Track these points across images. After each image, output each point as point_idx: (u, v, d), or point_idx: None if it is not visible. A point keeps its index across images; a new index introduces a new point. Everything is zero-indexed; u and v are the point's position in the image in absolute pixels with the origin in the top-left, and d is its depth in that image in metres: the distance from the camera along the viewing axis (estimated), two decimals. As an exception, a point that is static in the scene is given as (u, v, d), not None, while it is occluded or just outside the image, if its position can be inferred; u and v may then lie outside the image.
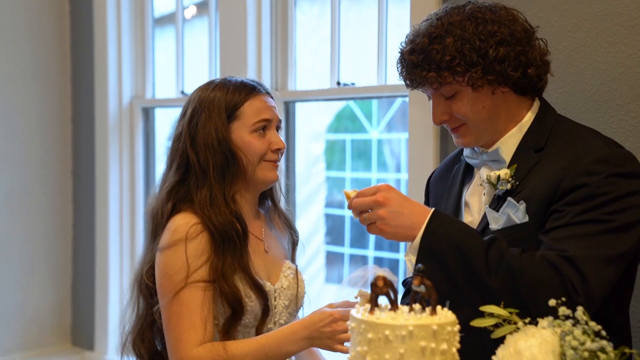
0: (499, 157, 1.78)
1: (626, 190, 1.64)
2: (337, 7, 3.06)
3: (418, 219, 1.65)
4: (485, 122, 1.77)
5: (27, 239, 3.82)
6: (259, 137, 1.95)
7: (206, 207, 1.89)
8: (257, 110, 1.95)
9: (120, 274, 3.78)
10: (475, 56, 1.70)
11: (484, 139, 1.80)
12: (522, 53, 1.74)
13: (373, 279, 1.32)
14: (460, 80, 1.72)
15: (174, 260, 1.85)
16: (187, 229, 1.86)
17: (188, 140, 1.94)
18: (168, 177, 1.98)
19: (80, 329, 3.94)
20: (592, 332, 1.31)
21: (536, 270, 1.58)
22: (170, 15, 3.81)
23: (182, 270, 1.84)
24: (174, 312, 1.84)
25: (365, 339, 1.27)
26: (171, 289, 1.85)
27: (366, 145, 5.25)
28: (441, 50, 1.71)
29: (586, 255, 1.59)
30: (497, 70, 1.71)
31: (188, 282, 1.83)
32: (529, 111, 1.81)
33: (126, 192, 3.78)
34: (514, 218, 1.70)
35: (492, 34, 1.72)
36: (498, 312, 1.41)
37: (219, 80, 2.01)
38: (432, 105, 1.81)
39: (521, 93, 1.79)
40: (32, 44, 3.82)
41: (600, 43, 2.16)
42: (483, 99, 1.75)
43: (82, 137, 3.91)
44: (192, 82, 3.66)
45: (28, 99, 3.81)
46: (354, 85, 3.04)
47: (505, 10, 1.78)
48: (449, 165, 2.02)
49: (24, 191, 3.80)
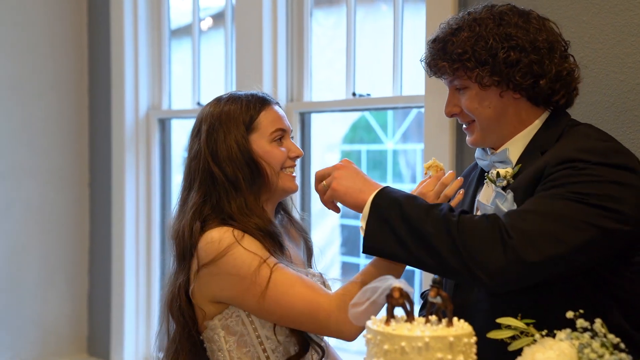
0: (506, 158, 1.78)
1: (609, 178, 1.59)
2: (353, 18, 3.07)
3: (369, 187, 1.72)
4: (492, 121, 1.78)
5: (44, 250, 3.84)
6: (277, 146, 1.96)
7: (245, 215, 1.87)
8: (272, 120, 1.96)
9: (136, 285, 3.79)
10: (485, 54, 1.72)
11: (491, 139, 1.81)
12: (536, 62, 1.72)
13: (389, 290, 1.32)
14: (470, 75, 1.74)
15: (241, 260, 1.80)
16: (231, 234, 1.83)
17: (209, 157, 1.92)
18: (190, 197, 1.94)
19: (97, 339, 3.96)
20: (610, 344, 1.30)
21: (472, 219, 1.59)
22: (186, 27, 3.84)
23: (254, 262, 1.79)
24: (282, 294, 1.78)
25: (382, 351, 1.26)
26: (258, 283, 1.78)
27: (382, 155, 5.25)
28: (456, 43, 1.74)
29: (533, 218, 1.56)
30: (503, 72, 1.72)
31: (269, 264, 1.79)
32: (538, 118, 1.80)
33: (142, 202, 3.79)
34: (502, 207, 1.70)
35: (508, 37, 1.72)
36: (515, 324, 1.40)
37: (227, 95, 2.01)
38: (448, 96, 1.84)
39: (534, 103, 1.78)
40: (50, 57, 3.85)
41: (618, 54, 2.15)
42: (490, 98, 1.76)
43: (99, 148, 3.94)
44: (208, 93, 3.68)
45: (46, 111, 3.84)
46: (370, 96, 3.04)
47: (537, 19, 1.77)
48: (467, 173, 2.04)
49: (41, 202, 3.83)
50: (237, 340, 1.86)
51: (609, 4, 2.16)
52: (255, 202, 1.91)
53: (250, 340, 1.86)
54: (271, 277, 1.78)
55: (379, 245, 1.67)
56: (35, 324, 3.82)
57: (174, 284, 1.92)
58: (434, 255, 1.58)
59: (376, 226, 1.66)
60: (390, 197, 1.67)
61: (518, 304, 1.59)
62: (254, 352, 1.86)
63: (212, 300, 1.86)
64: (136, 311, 3.78)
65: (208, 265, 1.82)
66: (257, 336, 1.85)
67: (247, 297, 1.80)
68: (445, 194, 1.84)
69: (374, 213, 1.66)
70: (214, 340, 1.89)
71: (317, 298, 1.78)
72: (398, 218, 1.63)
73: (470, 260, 1.54)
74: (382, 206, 1.66)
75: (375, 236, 1.67)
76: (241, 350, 1.86)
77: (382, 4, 3.99)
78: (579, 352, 1.30)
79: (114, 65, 3.79)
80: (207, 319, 1.88)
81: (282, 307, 1.79)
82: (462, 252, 1.55)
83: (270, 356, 1.85)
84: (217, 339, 1.88)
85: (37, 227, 3.82)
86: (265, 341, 1.86)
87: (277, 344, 1.86)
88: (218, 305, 1.86)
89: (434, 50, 1.80)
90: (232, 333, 1.86)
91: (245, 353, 1.86)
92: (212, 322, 1.87)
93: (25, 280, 3.78)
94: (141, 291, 3.79)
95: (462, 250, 1.55)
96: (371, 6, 4.04)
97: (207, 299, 1.87)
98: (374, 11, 4.07)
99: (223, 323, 1.86)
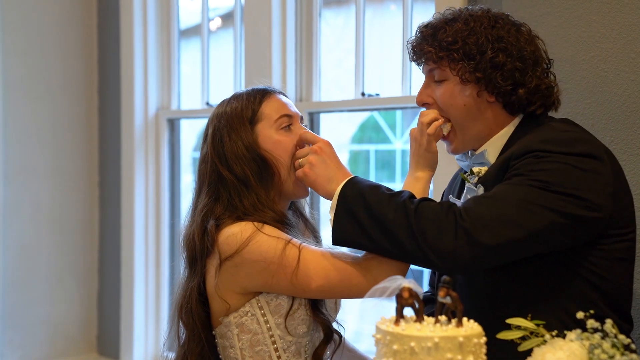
0: (485, 159, 1.80)
1: (572, 165, 1.60)
2: (362, 18, 3.07)
3: (338, 177, 1.76)
4: (465, 119, 1.79)
5: (54, 250, 3.86)
6: (286, 133, 1.93)
7: (258, 210, 1.87)
8: (276, 108, 1.94)
9: (145, 285, 3.80)
10: (474, 49, 1.74)
11: (469, 142, 1.82)
12: (519, 70, 1.74)
13: (398, 290, 1.32)
14: (454, 67, 1.76)
15: (265, 247, 1.80)
16: (251, 225, 1.82)
17: (216, 159, 1.92)
18: (200, 201, 1.94)
19: (106, 339, 3.97)
20: (621, 345, 1.30)
21: (429, 205, 1.63)
22: (195, 27, 3.85)
23: (280, 244, 1.79)
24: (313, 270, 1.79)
25: (391, 351, 1.26)
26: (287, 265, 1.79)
27: (390, 155, 5.24)
28: (448, 32, 1.76)
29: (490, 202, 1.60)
30: (487, 71, 1.73)
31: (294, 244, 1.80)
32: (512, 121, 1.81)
33: (152, 202, 3.80)
34: None
35: (499, 39, 1.75)
36: (525, 324, 1.40)
37: (230, 96, 2.02)
38: (422, 85, 1.85)
39: (509, 110, 1.79)
40: (60, 58, 3.87)
41: (628, 53, 2.14)
42: (466, 95, 1.77)
43: (109, 149, 3.95)
44: (218, 93, 3.68)
45: (56, 111, 3.86)
46: (378, 96, 3.04)
47: (527, 33, 1.80)
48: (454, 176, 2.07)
49: (51, 203, 3.85)
50: (250, 339, 1.86)
51: (619, 3, 2.16)
52: (267, 196, 1.89)
53: (263, 339, 1.86)
54: (300, 256, 1.79)
55: (347, 236, 1.72)
56: (45, 324, 3.84)
57: (185, 288, 1.92)
58: (393, 242, 1.63)
59: (343, 218, 1.70)
60: (357, 188, 1.71)
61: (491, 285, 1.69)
62: (265, 350, 1.86)
63: (240, 291, 1.86)
64: (145, 311, 3.79)
65: (232, 257, 1.81)
66: (271, 335, 1.85)
67: (279, 280, 1.80)
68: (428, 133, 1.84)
69: (341, 205, 1.71)
70: (227, 337, 1.89)
71: (347, 266, 1.79)
72: (362, 208, 1.68)
73: (424, 242, 1.59)
74: (349, 197, 1.70)
75: (342, 227, 1.71)
76: (253, 349, 1.86)
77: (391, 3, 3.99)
78: (590, 352, 1.30)
79: (123, 66, 3.80)
80: (230, 312, 1.87)
81: (316, 281, 1.79)
82: (418, 236, 1.59)
83: (282, 355, 1.86)
84: (230, 336, 1.88)
85: (47, 227, 3.83)
86: (278, 340, 1.86)
87: (289, 344, 1.86)
88: (245, 297, 1.86)
89: (423, 35, 1.82)
90: (247, 331, 1.86)
91: (258, 352, 1.86)
92: (227, 319, 1.87)
93: (35, 280, 3.80)
94: (150, 291, 3.80)
95: (418, 234, 1.59)
96: (380, 6, 4.04)
97: (234, 291, 1.86)
98: (382, 11, 4.07)
99: (238, 321, 1.86)
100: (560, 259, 1.66)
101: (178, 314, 1.93)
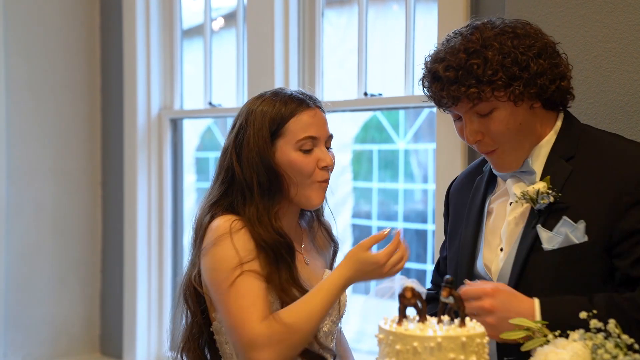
0: (529, 168, 1.75)
1: None
2: (364, 17, 3.07)
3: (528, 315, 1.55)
4: (520, 140, 1.73)
5: (57, 250, 3.86)
6: (304, 155, 1.88)
7: (255, 224, 1.86)
8: (303, 127, 1.88)
9: (148, 284, 3.80)
10: (516, 69, 1.67)
11: (521, 160, 1.76)
12: (555, 66, 1.72)
13: (401, 290, 1.32)
14: (499, 95, 1.68)
15: (223, 255, 1.81)
16: (229, 224, 1.83)
17: (234, 156, 1.91)
18: (213, 191, 1.95)
19: (109, 338, 3.97)
20: (624, 345, 1.29)
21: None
22: (198, 27, 3.85)
23: (234, 261, 1.80)
24: (232, 299, 1.79)
25: (394, 351, 1.26)
26: (226, 280, 1.80)
27: (393, 155, 5.24)
28: (482, 65, 1.66)
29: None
30: (538, 83, 1.68)
31: (243, 270, 1.80)
32: (556, 121, 1.79)
33: (154, 202, 3.81)
34: (572, 238, 1.65)
35: (529, 47, 1.69)
36: (528, 324, 1.40)
37: (270, 93, 1.94)
38: (465, 124, 1.74)
39: (550, 107, 1.77)
40: (63, 58, 3.87)
41: (632, 53, 2.13)
42: (521, 114, 1.71)
43: (111, 148, 3.95)
44: (220, 93, 3.69)
45: (59, 111, 3.86)
46: (381, 96, 3.04)
47: (530, 26, 1.76)
48: (470, 175, 1.99)
49: (53, 202, 3.85)
50: None
51: (622, 3, 2.15)
52: (266, 210, 1.87)
53: None
54: (236, 280, 1.79)
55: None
56: (48, 324, 3.84)
57: (188, 273, 1.96)
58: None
59: None
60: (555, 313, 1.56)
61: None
62: None
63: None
64: (148, 310, 3.80)
65: (203, 252, 1.86)
66: None
67: (215, 290, 1.83)
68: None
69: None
70: (221, 332, 1.91)
71: (252, 323, 1.76)
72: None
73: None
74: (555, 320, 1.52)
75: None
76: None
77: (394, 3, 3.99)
78: (593, 352, 1.29)
79: (126, 66, 3.80)
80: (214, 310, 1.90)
81: (224, 308, 1.81)
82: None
83: None
84: (224, 332, 1.89)
85: (50, 227, 3.84)
86: None
87: None
88: None
89: (452, 79, 1.68)
90: None
91: None
92: (219, 315, 1.88)
93: (38, 280, 3.80)
94: (153, 290, 3.80)
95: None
96: (383, 6, 4.04)
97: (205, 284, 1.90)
98: (385, 11, 4.07)
99: None
100: None
101: (183, 295, 1.97)
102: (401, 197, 5.07)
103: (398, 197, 5.08)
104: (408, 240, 5.07)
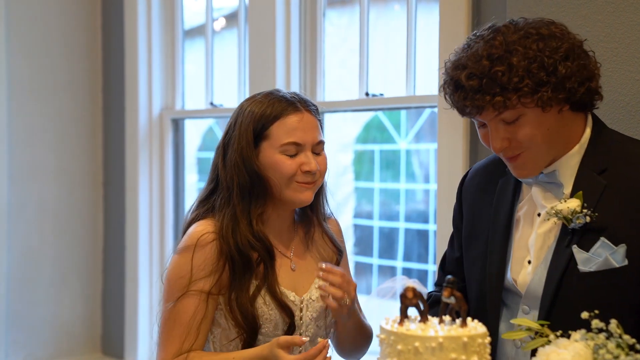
0: (557, 179, 1.68)
1: None
2: (366, 17, 3.07)
3: None
4: (547, 146, 1.65)
5: (58, 250, 3.86)
6: (288, 157, 1.85)
7: (228, 230, 1.84)
8: (287, 131, 1.85)
9: (149, 284, 3.80)
10: (543, 74, 1.58)
11: (544, 167, 1.69)
12: (583, 67, 1.64)
13: (402, 290, 1.32)
14: (526, 102, 1.59)
15: (179, 267, 1.85)
16: (198, 237, 1.84)
17: (221, 155, 1.90)
18: (204, 189, 1.97)
19: (111, 339, 3.98)
20: (626, 345, 1.29)
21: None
22: (200, 28, 3.85)
23: (184, 279, 1.83)
24: (166, 318, 1.86)
25: (395, 351, 1.26)
26: (171, 295, 1.86)
27: (395, 155, 5.24)
28: (507, 72, 1.58)
29: None
30: (567, 87, 1.60)
31: (187, 290, 1.83)
32: (586, 127, 1.71)
33: (156, 202, 3.81)
34: (612, 261, 1.57)
35: (556, 50, 1.61)
36: (529, 324, 1.39)
37: (264, 93, 1.92)
38: (490, 132, 1.66)
39: (579, 109, 1.69)
40: (64, 57, 3.87)
41: (633, 53, 2.13)
42: (549, 119, 1.63)
43: (113, 149, 3.95)
44: (222, 93, 3.69)
45: (60, 111, 3.86)
46: (383, 96, 3.03)
47: (555, 25, 1.67)
48: (487, 173, 1.88)
49: (55, 203, 3.85)
50: (220, 333, 1.90)
51: (624, 3, 2.15)
52: (244, 214, 1.85)
53: (232, 335, 1.88)
54: (177, 300, 1.84)
55: None
56: (50, 324, 3.84)
57: None
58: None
59: None
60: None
61: None
62: (235, 346, 1.88)
63: None
64: (150, 310, 3.80)
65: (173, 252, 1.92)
66: (237, 332, 1.87)
67: (161, 295, 1.91)
68: None
69: None
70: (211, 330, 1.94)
71: (166, 354, 1.84)
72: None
73: None
74: None
75: None
76: (222, 342, 1.90)
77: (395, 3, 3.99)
78: (594, 352, 1.29)
79: (127, 66, 3.81)
80: None
81: (159, 318, 1.89)
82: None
83: None
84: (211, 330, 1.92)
85: (51, 227, 3.84)
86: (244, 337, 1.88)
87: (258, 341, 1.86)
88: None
89: (476, 87, 1.60)
90: (217, 325, 1.90)
91: (226, 345, 1.89)
92: None
93: (40, 280, 3.80)
94: (155, 290, 3.80)
95: None
96: (384, 6, 4.04)
97: None
98: (386, 11, 4.07)
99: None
100: None
101: None
102: (403, 197, 5.07)
103: (400, 197, 5.08)
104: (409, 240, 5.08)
